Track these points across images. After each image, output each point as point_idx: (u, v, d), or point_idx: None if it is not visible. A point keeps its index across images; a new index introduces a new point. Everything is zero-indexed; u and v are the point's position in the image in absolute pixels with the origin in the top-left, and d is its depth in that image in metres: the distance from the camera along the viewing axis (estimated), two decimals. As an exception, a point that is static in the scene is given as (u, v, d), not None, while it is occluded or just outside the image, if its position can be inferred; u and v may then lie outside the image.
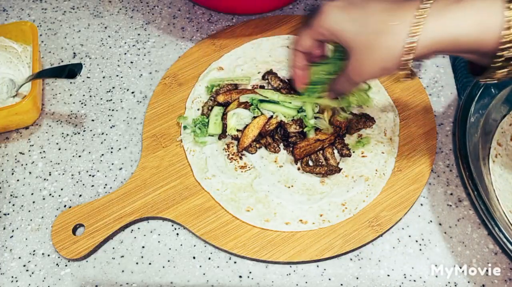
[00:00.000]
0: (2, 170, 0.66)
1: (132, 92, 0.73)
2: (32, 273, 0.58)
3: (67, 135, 0.69)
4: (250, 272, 0.57)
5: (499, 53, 0.41)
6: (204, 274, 0.57)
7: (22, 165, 0.66)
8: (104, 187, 0.64)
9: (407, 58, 0.43)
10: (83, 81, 0.74)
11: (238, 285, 0.57)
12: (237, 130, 0.64)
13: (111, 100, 0.72)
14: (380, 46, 0.43)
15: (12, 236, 0.60)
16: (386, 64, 0.45)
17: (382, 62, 0.45)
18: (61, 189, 0.64)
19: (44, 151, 0.67)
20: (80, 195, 0.63)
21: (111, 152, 0.67)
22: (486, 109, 0.65)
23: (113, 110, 0.71)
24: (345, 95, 0.58)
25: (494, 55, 0.41)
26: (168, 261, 0.58)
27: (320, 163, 0.62)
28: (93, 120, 0.70)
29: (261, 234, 0.58)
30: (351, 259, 0.58)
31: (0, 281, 0.57)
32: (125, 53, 0.77)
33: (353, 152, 0.64)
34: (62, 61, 0.76)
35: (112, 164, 0.66)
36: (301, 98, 0.63)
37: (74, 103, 0.72)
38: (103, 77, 0.74)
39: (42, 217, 0.62)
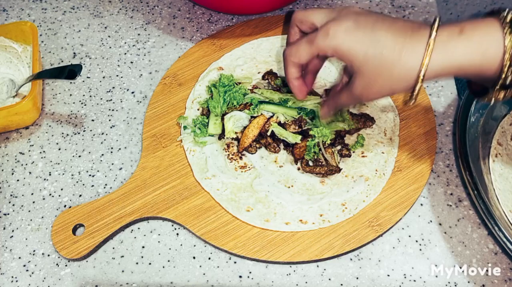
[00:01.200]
0: (2, 170, 0.66)
1: (132, 92, 0.73)
2: (32, 273, 0.58)
3: (67, 135, 0.69)
4: (250, 272, 0.57)
5: (499, 79, 0.44)
6: (204, 274, 0.57)
7: (22, 165, 0.66)
8: (104, 187, 0.64)
9: (416, 86, 0.47)
10: (83, 81, 0.74)
11: (238, 285, 0.57)
12: (235, 133, 0.64)
13: (111, 100, 0.72)
14: (392, 73, 0.47)
15: (12, 236, 0.60)
16: (396, 89, 0.48)
17: (392, 86, 0.48)
18: (61, 189, 0.64)
19: (44, 151, 0.67)
20: (80, 195, 0.63)
21: (111, 152, 0.67)
22: (486, 108, 0.65)
23: (113, 110, 0.71)
24: (341, 111, 0.63)
25: (495, 80, 0.44)
26: (168, 261, 0.58)
27: (320, 163, 0.62)
28: (93, 120, 0.70)
29: (261, 234, 0.58)
30: (351, 259, 0.58)
31: (0, 281, 0.57)
32: (125, 53, 0.77)
33: (353, 152, 0.64)
34: (62, 61, 0.76)
35: (112, 164, 0.66)
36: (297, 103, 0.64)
37: (74, 103, 0.72)
38: (103, 77, 0.75)
39: (42, 217, 0.62)
